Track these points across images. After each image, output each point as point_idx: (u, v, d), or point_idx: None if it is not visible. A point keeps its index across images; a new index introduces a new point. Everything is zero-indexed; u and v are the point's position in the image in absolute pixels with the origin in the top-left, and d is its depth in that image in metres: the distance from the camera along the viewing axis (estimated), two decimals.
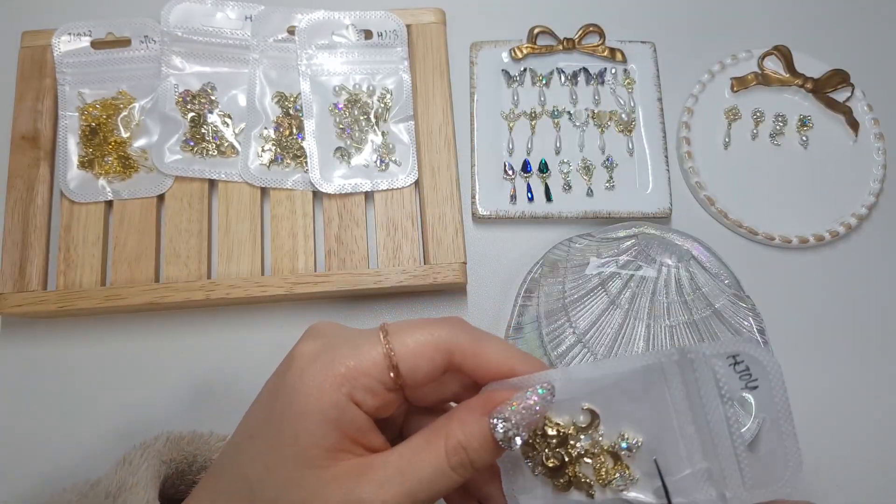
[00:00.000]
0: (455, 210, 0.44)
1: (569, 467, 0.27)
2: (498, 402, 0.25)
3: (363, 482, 0.24)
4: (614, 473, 0.27)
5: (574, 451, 0.27)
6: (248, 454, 0.25)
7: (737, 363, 0.27)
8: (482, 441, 0.24)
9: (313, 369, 0.24)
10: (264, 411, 0.25)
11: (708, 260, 0.42)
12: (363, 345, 0.25)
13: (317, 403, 0.24)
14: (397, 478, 0.24)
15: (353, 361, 0.24)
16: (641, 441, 0.27)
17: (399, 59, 0.48)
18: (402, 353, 0.25)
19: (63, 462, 0.41)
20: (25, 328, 0.44)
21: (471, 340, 0.26)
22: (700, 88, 0.49)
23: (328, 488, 0.24)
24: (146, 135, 0.46)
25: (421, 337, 0.25)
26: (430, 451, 0.24)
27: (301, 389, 0.24)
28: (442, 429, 0.25)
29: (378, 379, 0.25)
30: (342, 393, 0.24)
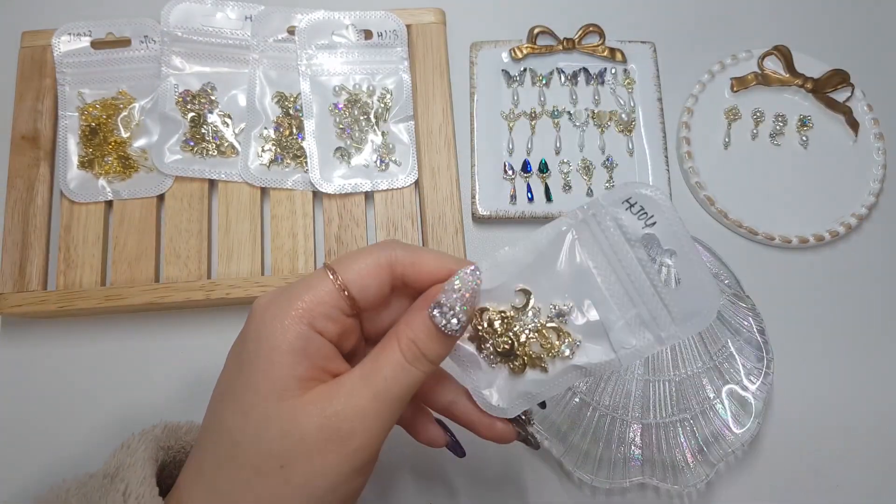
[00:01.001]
0: (455, 210, 0.44)
1: (519, 348, 0.29)
2: (432, 296, 0.27)
3: (334, 397, 0.26)
4: (560, 344, 0.29)
5: (521, 332, 0.29)
6: (225, 407, 0.26)
7: (632, 206, 0.28)
8: (428, 332, 0.27)
9: (272, 312, 0.26)
10: (234, 365, 0.27)
11: (708, 260, 0.42)
12: (312, 280, 0.27)
13: (282, 338, 0.26)
14: (363, 383, 0.26)
15: (307, 295, 0.26)
16: (571, 305, 0.29)
17: (399, 59, 0.48)
18: (349, 277, 0.27)
19: (63, 461, 0.41)
20: (25, 328, 0.44)
21: (408, 253, 0.28)
22: (700, 88, 0.49)
23: (304, 413, 0.25)
24: (146, 135, 0.46)
25: (363, 261, 0.27)
26: (387, 352, 0.27)
27: (264, 331, 0.26)
28: (393, 333, 0.27)
29: (334, 305, 0.27)
30: (304, 324, 0.26)
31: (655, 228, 0.28)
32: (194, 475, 0.27)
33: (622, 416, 0.39)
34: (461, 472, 0.40)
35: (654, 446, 0.39)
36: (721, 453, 0.39)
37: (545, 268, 0.29)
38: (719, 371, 0.40)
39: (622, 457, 0.38)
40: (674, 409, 0.39)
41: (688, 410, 0.39)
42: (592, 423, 0.39)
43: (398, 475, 0.41)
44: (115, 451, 0.29)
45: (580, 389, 0.39)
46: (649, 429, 0.39)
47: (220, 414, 0.27)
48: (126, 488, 0.26)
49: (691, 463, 0.38)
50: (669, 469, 0.38)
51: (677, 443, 0.39)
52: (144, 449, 0.28)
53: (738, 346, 0.40)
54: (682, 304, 0.28)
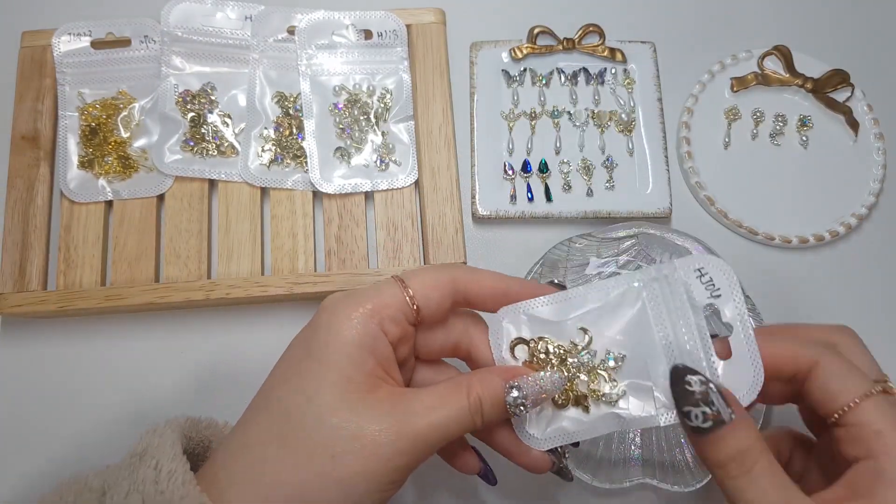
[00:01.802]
0: (455, 210, 0.44)
1: (568, 383, 0.30)
2: (516, 374, 0.29)
3: (399, 407, 0.27)
4: (608, 389, 0.30)
5: (574, 368, 0.30)
6: (288, 390, 0.27)
7: (703, 275, 0.30)
8: (495, 402, 0.28)
9: (345, 307, 0.28)
10: (301, 352, 0.28)
11: None
12: (382, 286, 0.29)
13: (354, 332, 0.27)
14: (427, 409, 0.27)
15: (377, 298, 0.28)
16: (625, 355, 0.30)
17: (399, 59, 0.48)
18: (415, 287, 0.29)
19: (63, 461, 0.41)
20: (25, 328, 0.44)
21: (469, 272, 0.31)
22: (700, 88, 0.50)
23: (367, 410, 0.27)
24: (146, 135, 0.46)
25: (429, 274, 0.30)
26: (456, 396, 0.28)
27: (336, 323, 0.28)
28: (464, 381, 0.29)
29: (400, 310, 0.29)
30: (374, 323, 0.28)
31: (720, 301, 0.29)
32: (237, 450, 0.27)
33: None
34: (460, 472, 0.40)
35: (654, 446, 0.39)
36: None
37: (609, 315, 0.30)
38: None
39: (622, 457, 0.38)
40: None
41: None
42: None
43: None
44: (142, 435, 0.30)
45: None
46: (649, 429, 0.39)
47: (280, 395, 0.28)
48: (157, 464, 0.27)
49: (691, 463, 0.38)
50: (669, 469, 0.38)
51: (677, 443, 0.39)
52: (171, 432, 0.29)
53: None
54: (727, 378, 0.28)
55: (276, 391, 0.28)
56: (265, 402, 0.28)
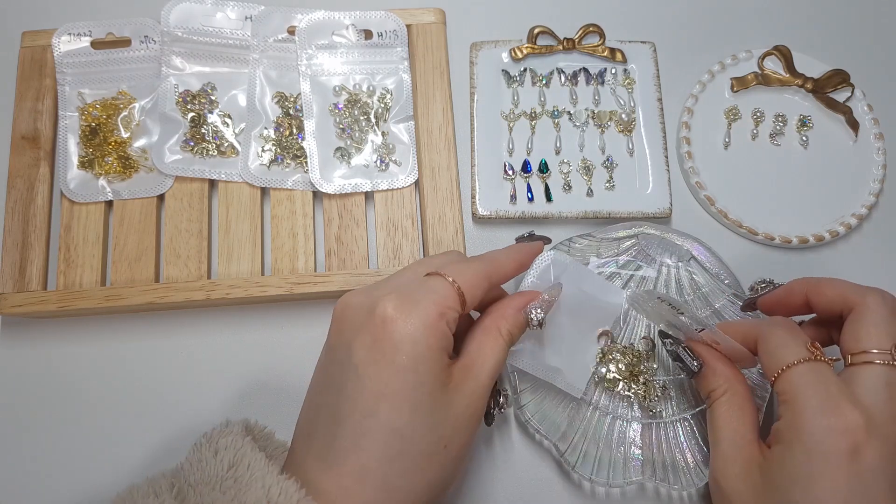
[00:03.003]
0: (455, 210, 0.44)
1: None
2: (530, 299, 0.35)
3: (469, 378, 0.31)
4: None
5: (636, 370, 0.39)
6: (392, 404, 0.29)
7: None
8: (521, 326, 0.34)
9: (418, 316, 0.30)
10: (388, 369, 0.29)
11: (708, 260, 0.42)
12: (435, 285, 0.31)
13: (433, 340, 0.30)
14: (484, 364, 0.32)
15: (439, 299, 0.31)
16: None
17: (399, 59, 0.48)
18: (464, 285, 0.32)
19: (63, 461, 0.41)
20: (25, 328, 0.44)
21: (495, 264, 0.34)
22: (700, 88, 0.50)
23: (456, 397, 0.31)
24: (146, 135, 0.46)
25: (470, 272, 0.33)
26: (492, 340, 0.33)
27: (418, 335, 0.30)
28: (493, 323, 0.34)
29: (455, 308, 0.31)
30: (443, 324, 0.31)
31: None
32: (357, 475, 0.29)
33: (622, 415, 0.39)
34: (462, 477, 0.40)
35: (654, 446, 0.39)
36: None
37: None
38: None
39: (622, 457, 0.38)
40: (673, 409, 0.39)
41: (688, 410, 0.39)
42: (592, 423, 0.39)
43: None
44: (207, 454, 0.30)
45: None
46: (649, 429, 0.39)
47: (382, 418, 0.29)
48: (263, 485, 0.28)
49: (691, 463, 0.38)
50: (670, 469, 0.38)
51: (678, 443, 0.39)
52: (252, 448, 0.30)
53: None
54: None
55: (378, 412, 0.29)
56: (370, 422, 0.29)
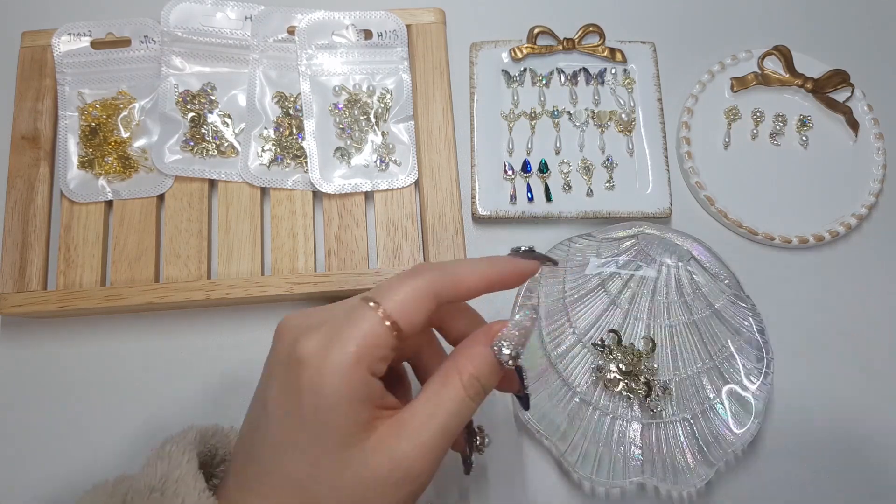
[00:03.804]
0: (455, 210, 0.44)
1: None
2: (495, 332, 0.29)
3: (401, 438, 0.26)
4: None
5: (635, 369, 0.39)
6: (288, 460, 0.26)
7: None
8: (491, 368, 0.28)
9: (331, 362, 0.26)
10: (291, 418, 0.26)
11: (708, 260, 0.42)
12: (360, 320, 0.26)
13: (346, 390, 0.25)
14: (428, 421, 0.27)
15: (361, 339, 0.26)
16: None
17: (399, 59, 0.48)
18: (394, 310, 0.26)
19: (63, 461, 0.41)
20: (25, 328, 0.44)
21: (445, 275, 0.28)
22: (700, 88, 0.50)
23: (374, 457, 0.26)
24: (146, 135, 0.46)
25: (406, 292, 0.27)
26: (449, 389, 0.27)
27: (326, 384, 0.25)
28: (453, 367, 0.28)
29: (385, 345, 0.26)
30: (363, 371, 0.26)
31: None
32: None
33: (622, 415, 0.39)
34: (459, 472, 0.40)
35: (653, 446, 0.39)
36: (721, 453, 0.38)
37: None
38: (719, 371, 0.40)
39: (622, 457, 0.38)
40: (674, 409, 0.39)
41: (688, 410, 0.39)
42: (592, 422, 0.39)
43: None
44: (152, 461, 0.28)
45: (580, 389, 0.39)
46: (649, 429, 0.39)
47: (283, 467, 0.26)
48: (183, 502, 0.26)
49: (691, 463, 0.38)
50: (669, 469, 0.38)
51: (677, 443, 0.39)
52: (188, 461, 0.28)
53: (739, 346, 0.40)
54: None
55: (278, 465, 0.27)
56: (271, 464, 0.27)
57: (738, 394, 0.39)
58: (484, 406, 0.42)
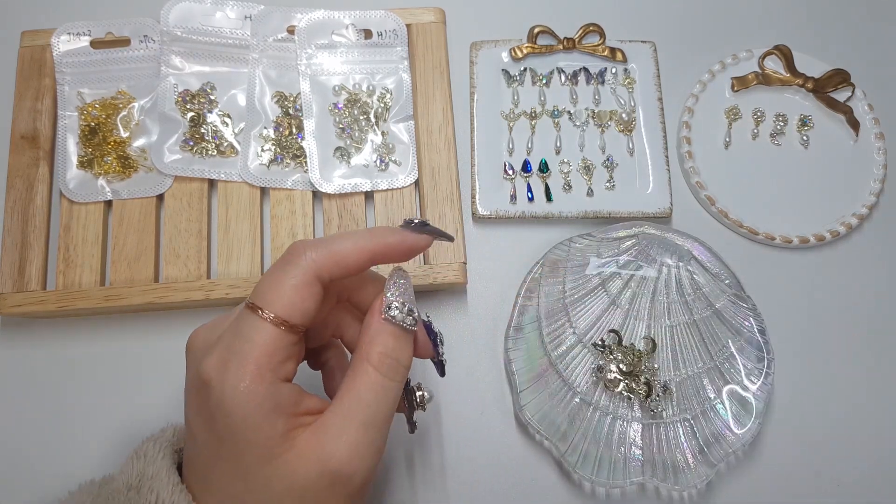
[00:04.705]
0: (455, 210, 0.44)
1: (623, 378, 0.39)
2: (379, 304, 0.28)
3: (325, 441, 0.26)
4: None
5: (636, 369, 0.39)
6: (221, 475, 0.26)
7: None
8: (395, 337, 0.27)
9: (230, 382, 0.25)
10: (210, 440, 0.26)
11: (708, 260, 0.42)
12: (249, 331, 0.26)
13: (251, 407, 0.25)
14: (348, 417, 0.26)
15: (256, 353, 0.25)
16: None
17: (399, 58, 0.48)
18: (284, 311, 0.26)
19: (62, 462, 0.41)
20: (25, 328, 0.44)
21: (326, 255, 0.27)
22: (700, 88, 0.49)
23: (301, 465, 0.25)
24: (146, 134, 0.46)
25: (288, 286, 0.26)
26: (360, 378, 0.26)
27: (229, 403, 0.25)
28: (358, 356, 0.27)
29: (284, 347, 0.26)
30: (267, 382, 0.25)
31: None
32: None
33: (623, 416, 0.39)
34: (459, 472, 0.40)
35: (654, 446, 0.39)
36: (722, 454, 0.38)
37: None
38: (720, 371, 0.40)
39: (622, 457, 0.38)
40: (674, 409, 0.39)
41: (688, 411, 0.39)
42: (592, 423, 0.39)
43: (392, 474, 0.40)
44: (131, 460, 0.28)
45: (581, 389, 0.39)
46: (649, 429, 0.39)
47: (217, 482, 0.26)
48: (157, 498, 0.26)
49: (692, 463, 0.38)
50: (670, 469, 0.38)
51: (678, 443, 0.39)
52: (163, 457, 0.28)
53: (739, 346, 0.40)
54: None
55: (213, 480, 0.26)
56: (210, 490, 0.27)
57: (738, 394, 0.39)
58: (484, 406, 0.42)
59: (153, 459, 0.28)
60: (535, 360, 0.41)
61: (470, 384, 0.42)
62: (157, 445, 0.29)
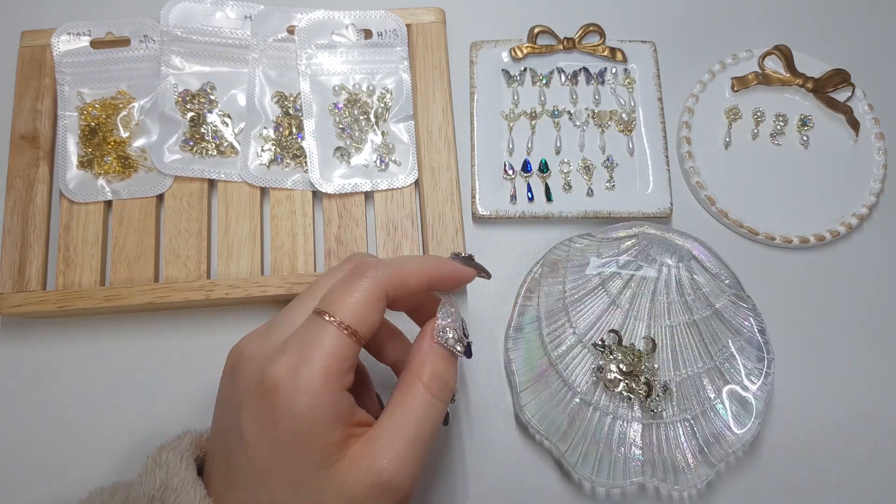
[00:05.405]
0: (455, 210, 0.44)
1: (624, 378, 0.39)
2: (432, 328, 0.30)
3: (376, 451, 0.27)
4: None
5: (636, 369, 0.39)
6: (273, 481, 0.26)
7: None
8: (445, 361, 0.29)
9: (302, 385, 0.26)
10: (267, 444, 0.26)
11: (708, 260, 0.42)
12: (321, 337, 0.27)
13: (318, 412, 0.26)
14: (399, 431, 0.27)
15: (327, 357, 0.26)
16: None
17: (399, 58, 0.48)
18: (352, 320, 0.27)
19: (63, 462, 0.41)
20: (25, 328, 0.44)
21: (392, 274, 0.29)
22: (700, 88, 0.49)
23: (352, 475, 0.26)
24: (146, 134, 0.46)
25: (357, 297, 0.27)
26: (412, 395, 0.28)
27: (299, 407, 0.26)
28: (409, 374, 0.29)
29: (350, 356, 0.27)
30: (335, 390, 0.26)
31: None
32: None
33: (623, 416, 0.39)
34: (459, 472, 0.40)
35: (654, 446, 0.39)
36: (722, 454, 0.38)
37: None
38: (720, 371, 0.40)
39: (622, 457, 0.38)
40: (674, 409, 0.39)
41: (688, 411, 0.39)
42: (592, 423, 0.39)
43: None
44: (150, 469, 0.28)
45: (581, 389, 0.39)
46: (649, 429, 0.39)
47: (266, 492, 0.27)
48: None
49: (692, 463, 0.38)
50: (670, 469, 0.38)
51: (678, 443, 0.39)
52: (186, 468, 0.28)
53: (739, 346, 0.40)
54: None
55: (262, 489, 0.27)
56: (253, 487, 0.27)
57: (738, 394, 0.39)
58: (484, 406, 0.42)
59: (176, 470, 0.28)
60: (535, 360, 0.41)
61: (470, 384, 0.42)
62: (177, 454, 0.29)
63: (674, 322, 0.40)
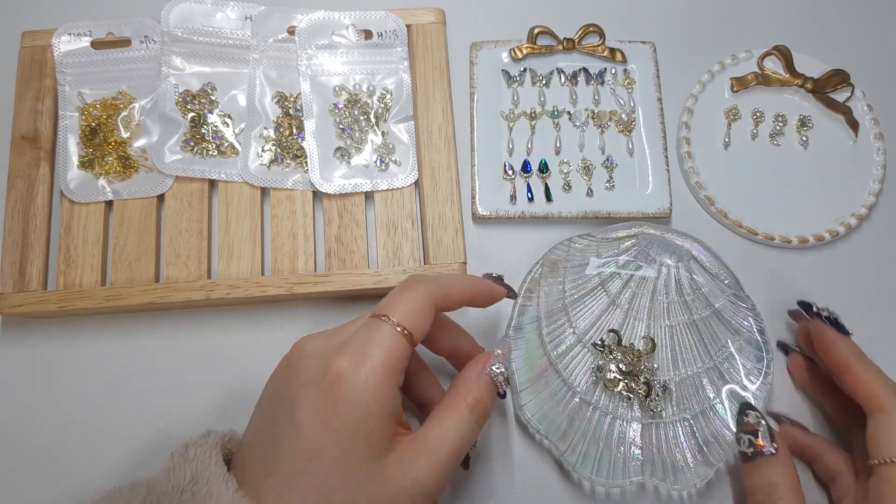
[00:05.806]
0: (455, 210, 0.44)
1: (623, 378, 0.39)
2: (485, 361, 0.33)
3: (419, 454, 0.29)
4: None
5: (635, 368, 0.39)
6: (324, 468, 0.28)
7: None
8: (490, 392, 0.32)
9: (365, 378, 0.28)
10: (329, 431, 0.28)
11: (708, 260, 0.42)
12: (380, 335, 0.29)
13: (377, 405, 0.28)
14: (443, 441, 0.29)
15: (386, 353, 0.29)
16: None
17: (399, 59, 0.48)
18: (406, 322, 0.30)
19: (63, 462, 0.41)
20: (25, 328, 0.44)
21: (440, 288, 0.32)
22: (700, 88, 0.50)
23: (396, 471, 0.28)
24: (146, 135, 0.46)
25: (410, 303, 0.30)
26: (456, 414, 0.30)
27: (362, 399, 0.28)
28: (456, 395, 0.31)
29: (405, 357, 0.29)
30: (393, 385, 0.29)
31: None
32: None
33: (622, 415, 0.39)
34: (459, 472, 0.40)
35: (653, 446, 0.39)
36: (721, 453, 0.38)
37: None
38: (719, 371, 0.40)
39: (622, 456, 0.38)
40: (674, 409, 0.39)
41: (688, 410, 0.39)
42: (592, 422, 0.39)
43: None
44: (178, 464, 0.29)
45: (580, 389, 0.39)
46: (649, 429, 0.39)
47: (313, 479, 0.28)
48: (217, 502, 0.27)
49: (691, 463, 0.38)
50: (669, 469, 0.38)
51: (677, 443, 0.39)
52: (216, 463, 0.29)
53: (738, 346, 0.40)
54: None
55: (310, 468, 0.28)
56: (299, 478, 0.28)
57: (738, 394, 0.39)
58: None
59: (206, 464, 0.29)
60: (534, 359, 0.41)
61: None
62: (206, 451, 0.30)
63: (673, 322, 0.41)
